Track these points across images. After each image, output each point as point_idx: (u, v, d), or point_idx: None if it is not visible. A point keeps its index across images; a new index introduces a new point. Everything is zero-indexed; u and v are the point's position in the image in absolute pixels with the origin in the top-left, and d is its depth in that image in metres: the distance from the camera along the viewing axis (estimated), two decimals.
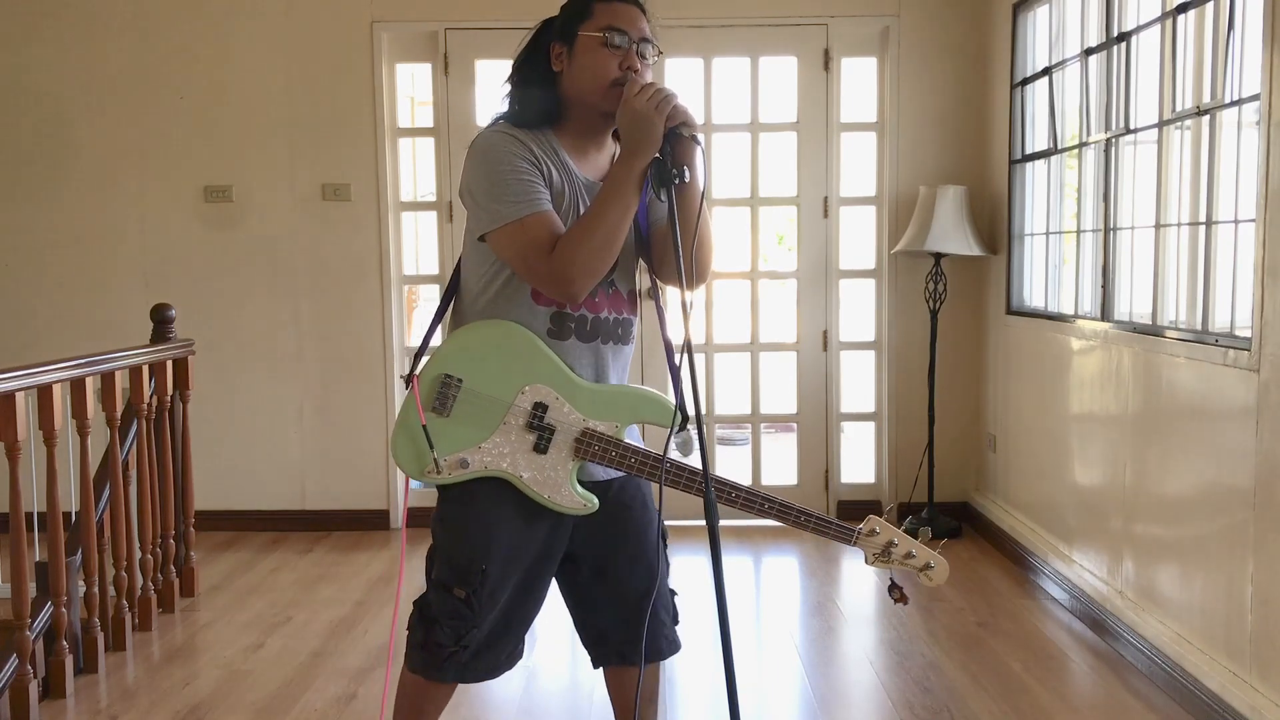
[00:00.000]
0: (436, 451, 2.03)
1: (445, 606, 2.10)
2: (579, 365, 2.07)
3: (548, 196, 2.00)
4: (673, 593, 2.28)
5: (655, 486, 2.10)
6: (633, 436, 2.15)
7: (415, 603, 2.19)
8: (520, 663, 2.25)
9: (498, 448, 2.04)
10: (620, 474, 2.12)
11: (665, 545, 2.24)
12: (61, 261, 5.25)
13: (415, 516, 4.10)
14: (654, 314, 2.28)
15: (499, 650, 2.15)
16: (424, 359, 2.10)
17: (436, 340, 2.19)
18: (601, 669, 2.30)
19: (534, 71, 2.08)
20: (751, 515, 2.13)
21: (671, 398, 2.06)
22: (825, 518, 2.10)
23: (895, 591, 2.15)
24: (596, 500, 2.08)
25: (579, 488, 2.07)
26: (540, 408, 2.03)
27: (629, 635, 2.20)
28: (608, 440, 2.04)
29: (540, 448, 2.04)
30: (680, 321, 1.88)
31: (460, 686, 2.27)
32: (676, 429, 2.05)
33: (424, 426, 2.03)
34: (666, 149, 1.95)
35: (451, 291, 2.19)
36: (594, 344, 2.08)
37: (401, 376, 2.15)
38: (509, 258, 2.01)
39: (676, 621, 2.28)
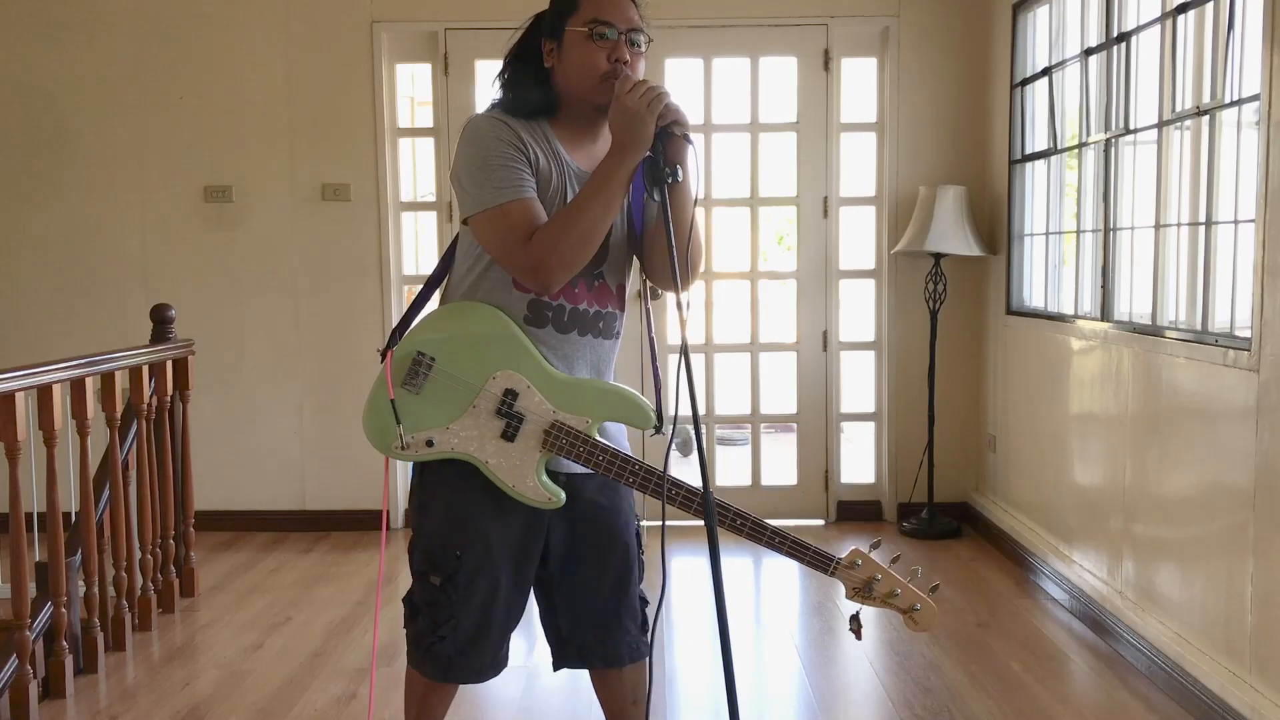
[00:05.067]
0: (403, 428, 2.03)
1: (424, 595, 2.11)
2: (554, 355, 2.06)
3: (533, 183, 2.00)
4: (643, 600, 2.26)
5: (639, 490, 2.09)
6: (619, 438, 2.14)
7: (403, 599, 2.20)
8: (520, 663, 2.25)
9: (465, 430, 2.03)
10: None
11: (641, 550, 2.22)
12: (61, 261, 5.25)
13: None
14: (643, 313, 2.26)
15: (483, 651, 2.14)
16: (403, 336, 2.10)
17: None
18: (588, 671, 2.29)
19: (527, 68, 2.08)
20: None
21: (668, 400, 2.05)
22: (801, 542, 2.04)
23: (854, 622, 2.03)
24: (563, 495, 2.06)
25: (545, 480, 2.05)
26: (510, 394, 2.02)
27: (591, 637, 2.19)
28: (576, 435, 2.02)
29: (508, 435, 2.03)
30: (678, 321, 1.88)
31: (460, 687, 2.27)
32: (653, 433, 2.04)
33: (392, 401, 2.02)
34: (658, 147, 1.94)
35: (436, 276, 2.19)
36: (571, 335, 2.07)
37: (377, 350, 2.13)
38: (488, 243, 2.01)
39: (644, 629, 2.25)
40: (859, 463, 5.71)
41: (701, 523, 1.86)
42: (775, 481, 5.40)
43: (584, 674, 2.32)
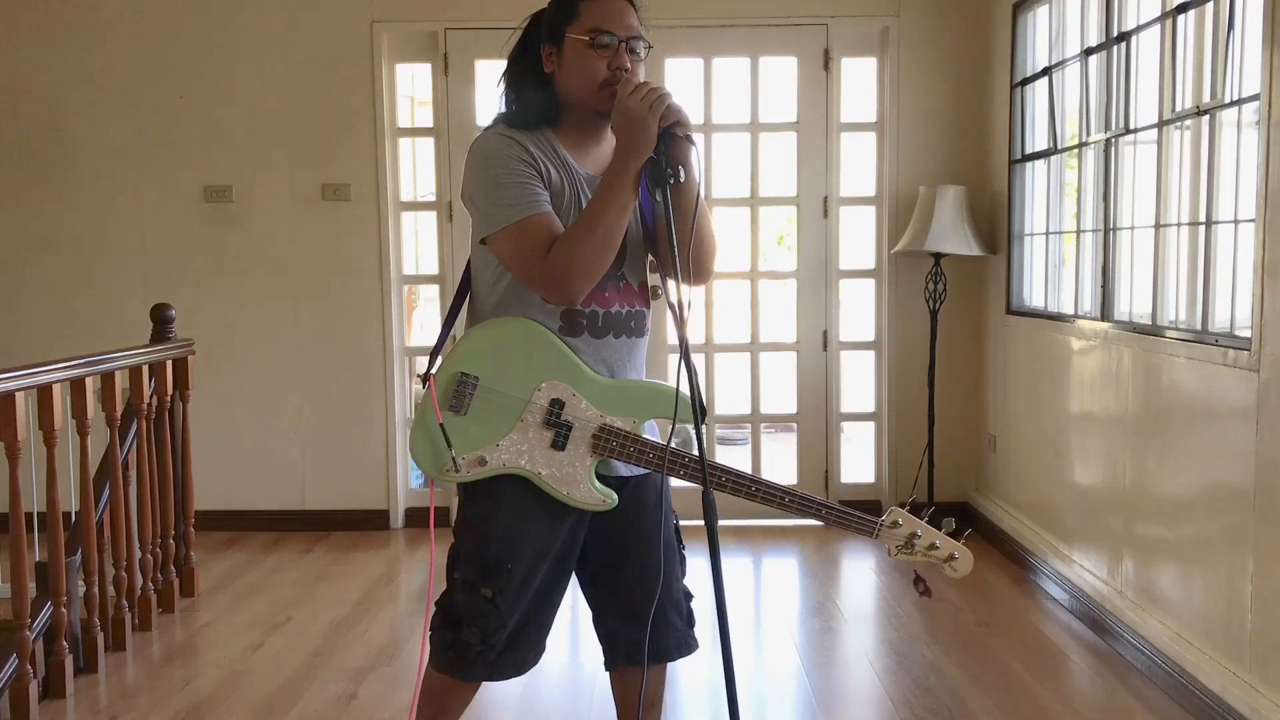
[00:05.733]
0: (454, 450, 2.03)
1: (472, 606, 2.10)
2: (594, 361, 2.07)
3: (546, 198, 2.00)
4: (688, 595, 2.27)
5: (670, 482, 2.10)
6: (651, 432, 2.15)
7: (437, 603, 2.18)
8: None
9: (515, 445, 2.04)
10: (642, 471, 2.12)
11: (682, 545, 2.24)
12: (61, 261, 5.25)
13: (417, 516, 4.13)
14: (660, 311, 2.27)
15: (524, 648, 2.15)
16: (440, 358, 2.10)
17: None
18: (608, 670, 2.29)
19: (528, 73, 2.08)
20: (780, 511, 2.11)
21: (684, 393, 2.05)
22: (847, 511, 2.11)
23: (920, 585, 2.15)
24: (615, 496, 2.08)
25: (598, 483, 2.07)
26: (557, 404, 2.03)
27: (637, 634, 2.18)
28: (625, 435, 2.04)
29: (558, 444, 2.04)
30: (679, 320, 1.88)
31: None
32: (696, 425, 2.04)
33: (441, 425, 2.03)
34: (661, 149, 1.95)
35: (462, 291, 2.19)
36: (607, 338, 2.08)
37: (418, 375, 2.13)
38: (507, 260, 2.01)
39: (691, 624, 2.27)
40: (859, 462, 5.71)
41: (702, 522, 1.86)
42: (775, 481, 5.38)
43: (585, 674, 2.33)
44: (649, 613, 2.13)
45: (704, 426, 1.88)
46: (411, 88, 5.67)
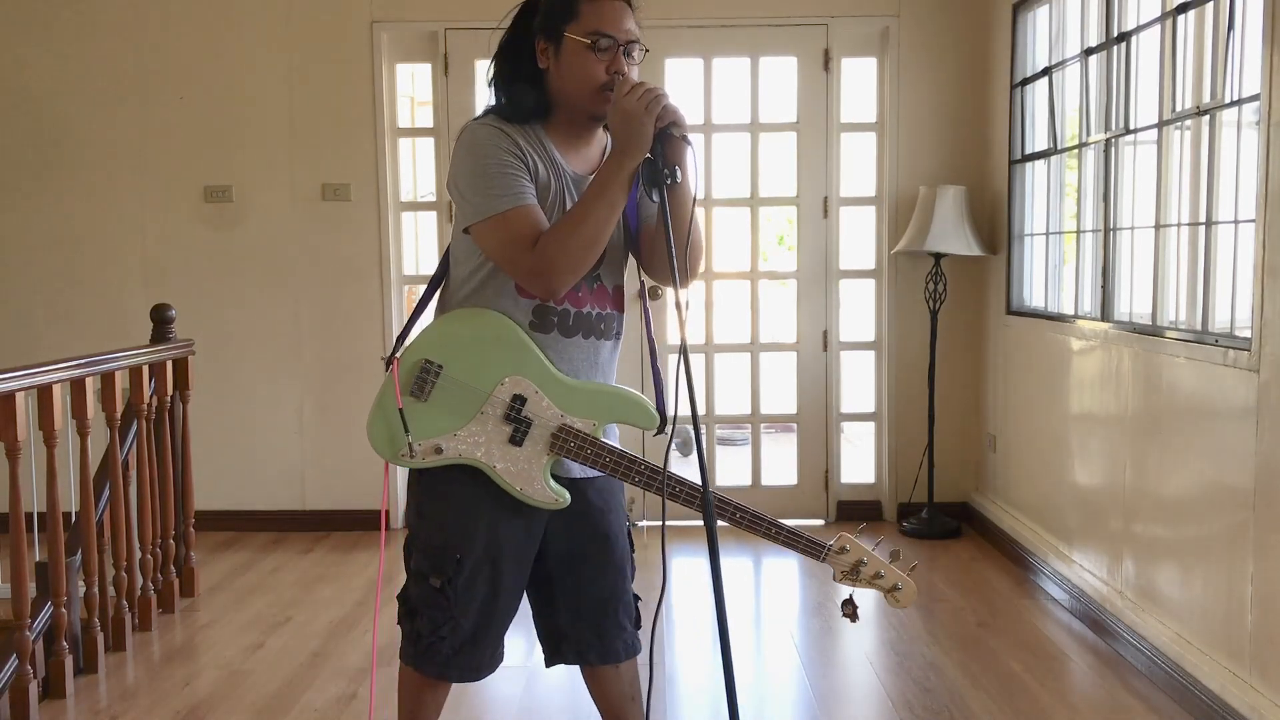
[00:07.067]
0: (412, 436, 2.03)
1: (423, 596, 2.12)
2: (560, 359, 2.07)
3: (532, 190, 2.00)
4: (636, 597, 2.29)
5: (642, 489, 2.09)
6: (612, 436, 2.15)
7: (398, 596, 2.21)
8: (520, 663, 2.26)
9: (473, 436, 2.04)
10: (597, 474, 2.12)
11: (632, 549, 2.25)
12: (61, 261, 5.25)
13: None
14: (642, 314, 2.26)
15: (481, 649, 2.16)
16: (406, 343, 2.10)
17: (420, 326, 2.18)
18: (580, 669, 2.30)
19: (519, 67, 2.07)
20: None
21: (668, 400, 2.05)
22: (795, 531, 2.10)
23: (847, 606, 2.14)
24: (568, 495, 2.08)
25: (552, 482, 2.07)
26: (519, 400, 2.03)
27: (589, 634, 2.21)
28: (584, 438, 2.04)
29: (516, 440, 2.04)
30: (677, 321, 1.88)
31: (459, 686, 2.27)
32: (655, 432, 2.06)
33: (400, 410, 2.03)
34: (658, 149, 1.94)
35: (437, 279, 2.19)
36: (575, 338, 2.08)
37: (382, 359, 2.13)
38: (491, 251, 2.01)
39: (638, 626, 2.28)
40: (859, 463, 5.71)
41: (702, 522, 1.86)
42: (775, 481, 5.39)
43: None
44: (605, 613, 2.16)
45: (698, 428, 1.87)
46: (411, 88, 5.68)
